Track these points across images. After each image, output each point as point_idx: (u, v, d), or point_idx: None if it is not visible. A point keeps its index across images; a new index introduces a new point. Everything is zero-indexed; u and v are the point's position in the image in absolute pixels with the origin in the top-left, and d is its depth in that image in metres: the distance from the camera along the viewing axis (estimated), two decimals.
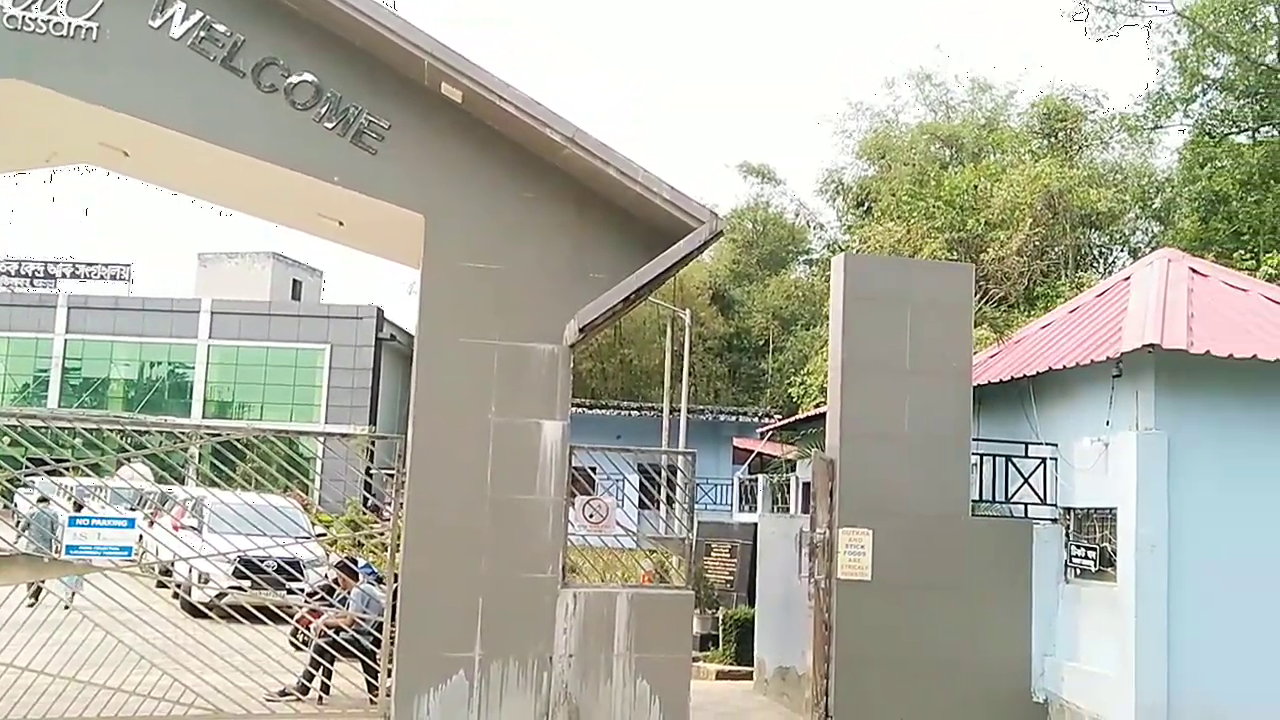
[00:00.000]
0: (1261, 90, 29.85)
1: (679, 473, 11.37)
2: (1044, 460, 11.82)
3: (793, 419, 20.79)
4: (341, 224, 10.80)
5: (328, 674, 10.83)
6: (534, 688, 9.86)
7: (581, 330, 9.99)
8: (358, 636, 10.44)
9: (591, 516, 10.54)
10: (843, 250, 32.99)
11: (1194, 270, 12.68)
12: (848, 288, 11.68)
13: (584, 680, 10.03)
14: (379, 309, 42.16)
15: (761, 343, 42.41)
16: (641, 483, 11.91)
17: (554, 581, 9.97)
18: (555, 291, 10.07)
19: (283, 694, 10.34)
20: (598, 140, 9.87)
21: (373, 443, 15.38)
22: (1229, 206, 29.53)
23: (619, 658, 10.12)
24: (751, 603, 15.34)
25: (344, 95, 9.75)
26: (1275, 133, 30.24)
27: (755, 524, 15.96)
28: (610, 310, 10.05)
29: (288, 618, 10.53)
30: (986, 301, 26.22)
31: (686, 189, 10.00)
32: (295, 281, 51.37)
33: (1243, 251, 26.46)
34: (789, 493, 18.14)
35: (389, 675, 9.93)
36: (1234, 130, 31.05)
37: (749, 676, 14.39)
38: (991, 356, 14.03)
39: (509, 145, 10.07)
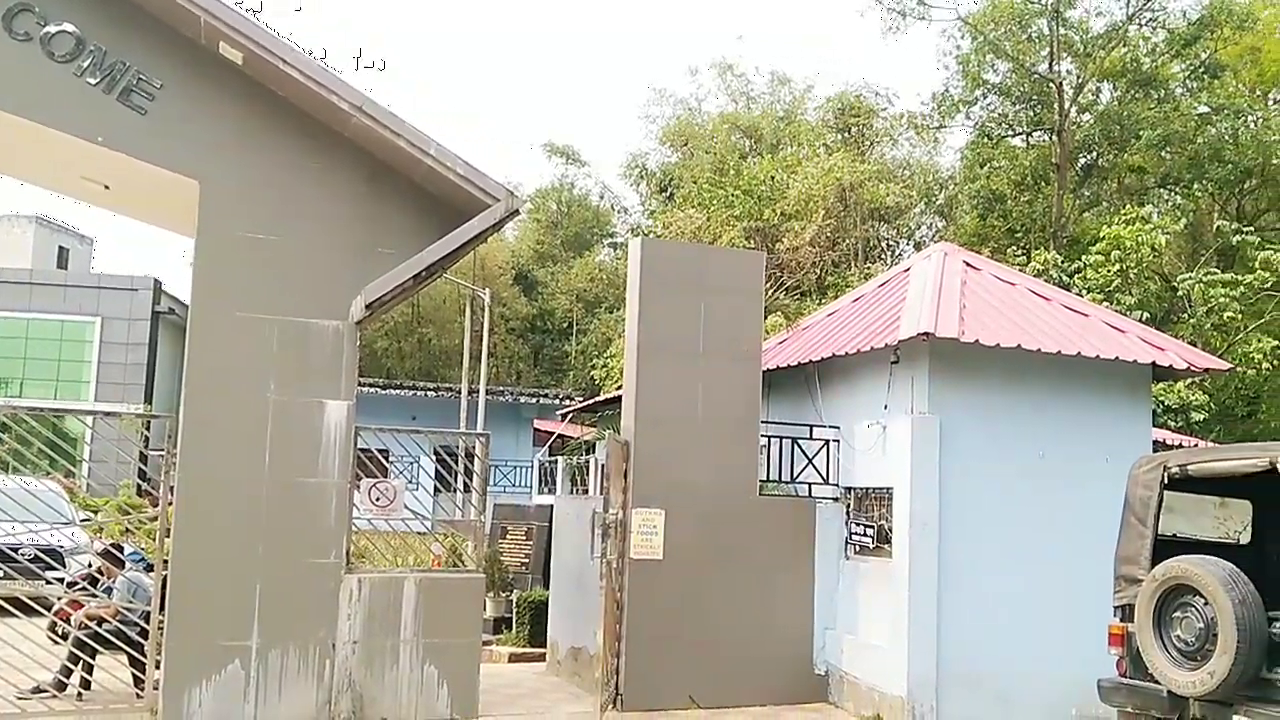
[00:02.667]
0: (1034, 97, 31.62)
1: (475, 455, 11.14)
2: (827, 442, 12.12)
3: (593, 400, 20.79)
4: (108, 188, 10.09)
5: (89, 668, 10.12)
6: (315, 676, 9.50)
7: (369, 307, 9.64)
8: (122, 627, 9.80)
9: (378, 500, 10.21)
10: (646, 234, 33.23)
11: (968, 264, 13.18)
12: (644, 272, 11.68)
13: (369, 667, 9.74)
14: (156, 280, 39.72)
15: (565, 325, 42.37)
16: (437, 466, 11.62)
17: (337, 567, 9.62)
18: (341, 266, 9.68)
19: (36, 690, 9.60)
20: (389, 111, 9.52)
21: (147, 423, 14.49)
22: (1004, 205, 31.21)
23: (406, 643, 9.87)
24: (547, 585, 15.24)
25: (110, 50, 9.06)
26: (1045, 137, 32.07)
27: (552, 506, 15.86)
28: (400, 287, 9.73)
29: (44, 610, 9.78)
30: (780, 289, 26.86)
31: (490, 168, 9.80)
32: (61, 249, 47.78)
33: (1015, 248, 28.02)
34: (587, 474, 18.10)
35: (157, 667, 9.37)
36: (1010, 134, 32.79)
37: (542, 659, 14.29)
38: (781, 342, 14.30)
39: (295, 112, 9.60)
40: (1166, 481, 8.36)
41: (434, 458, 11.98)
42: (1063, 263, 24.58)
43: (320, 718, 9.51)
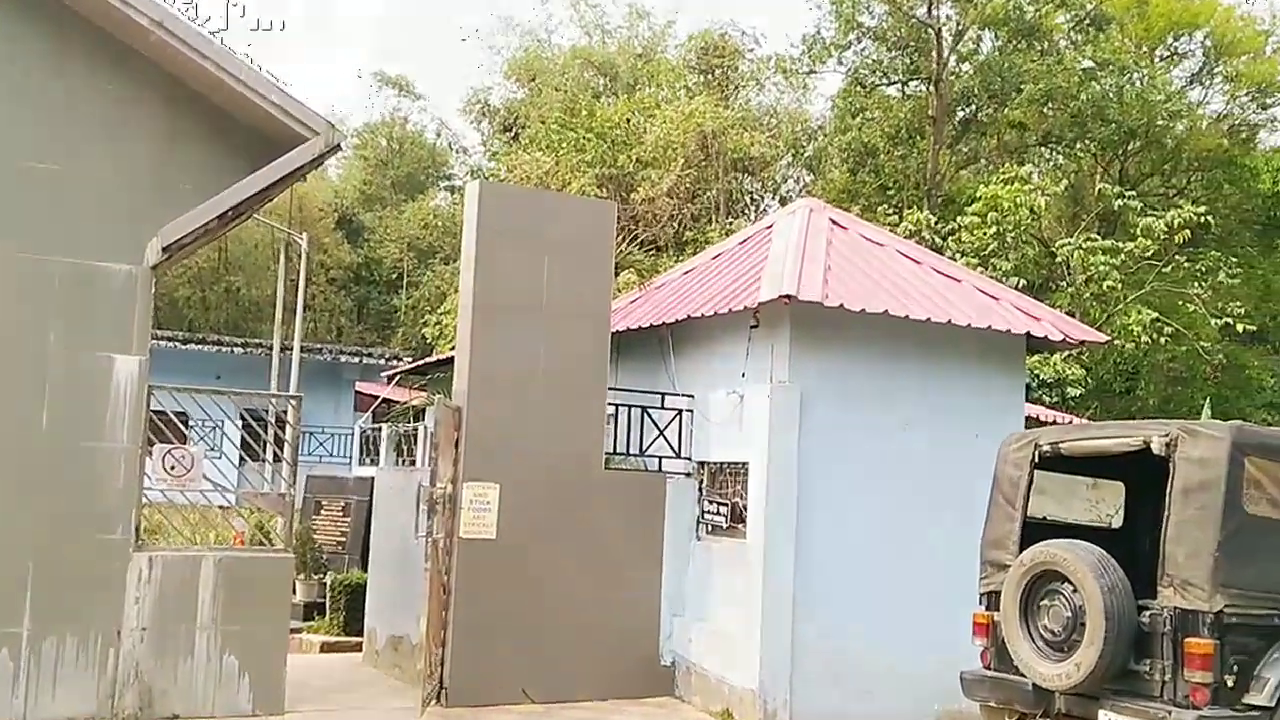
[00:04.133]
0: (912, 44, 32.35)
1: (287, 421, 10.99)
2: (680, 412, 12.35)
3: (423, 362, 20.64)
4: None
5: None
6: (97, 667, 9.30)
7: (167, 250, 9.40)
8: None
9: (173, 469, 9.98)
10: (487, 178, 32.97)
11: (834, 222, 13.53)
12: (482, 219, 11.64)
13: (159, 657, 9.58)
14: None
15: (394, 276, 41.77)
16: (244, 432, 11.42)
17: (125, 544, 9.41)
18: (137, 203, 9.41)
19: None
20: (194, 29, 9.28)
21: None
22: (876, 159, 31.98)
23: (203, 630, 9.73)
24: (365, 567, 15.16)
25: None
26: (923, 88, 32.91)
27: (374, 478, 15.75)
28: (203, 228, 9.52)
29: None
30: (634, 243, 27.05)
31: (310, 98, 9.63)
32: None
33: (887, 206, 28.78)
34: (415, 444, 17.98)
35: None
36: (885, 82, 33.54)
37: (359, 648, 14.22)
38: (633, 302, 14.46)
39: (84, 27, 9.25)
40: (1037, 460, 8.72)
41: (240, 423, 11.78)
42: (937, 224, 25.39)
43: (102, 714, 9.31)
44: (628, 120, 29.74)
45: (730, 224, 28.52)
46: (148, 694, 9.53)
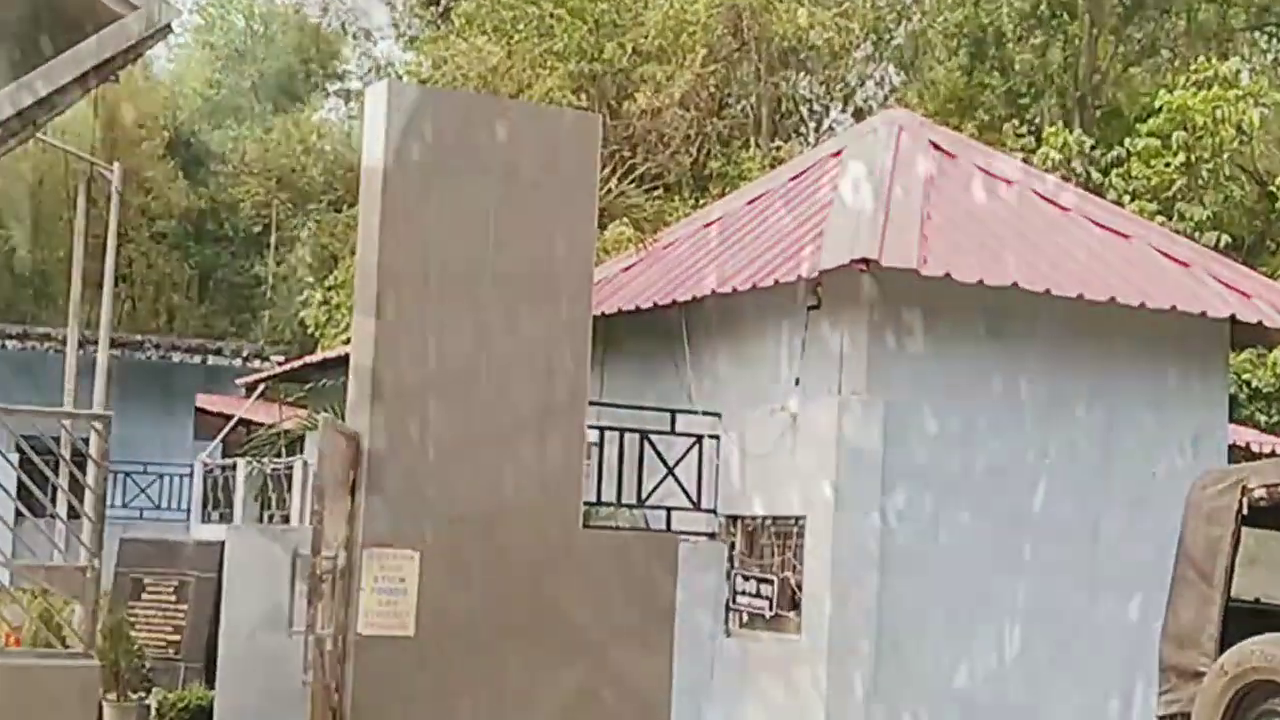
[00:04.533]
0: None
1: (88, 454, 10.99)
2: (700, 439, 12.38)
3: (301, 362, 20.63)
4: None
5: None
6: None
7: None
8: None
9: None
10: (405, 77, 32.96)
11: (937, 146, 13.58)
12: (393, 140, 11.51)
13: None
14: None
15: (258, 230, 41.68)
16: (20, 471, 11.40)
17: None
18: None
19: None
20: None
21: None
22: (1003, 50, 31.90)
23: None
24: (211, 679, 15.14)
25: None
26: None
27: (223, 543, 15.77)
28: None
29: None
30: (630, 180, 26.96)
31: None
32: None
33: (1018, 121, 28.68)
34: (288, 489, 17.98)
35: None
36: None
37: None
38: (628, 269, 14.46)
39: None
40: (1247, 513, 8.67)
41: (16, 456, 11.75)
42: (1093, 149, 25.42)
43: None
44: None
45: (776, 149, 28.50)
46: None
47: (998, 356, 11.86)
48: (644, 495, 12.47)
